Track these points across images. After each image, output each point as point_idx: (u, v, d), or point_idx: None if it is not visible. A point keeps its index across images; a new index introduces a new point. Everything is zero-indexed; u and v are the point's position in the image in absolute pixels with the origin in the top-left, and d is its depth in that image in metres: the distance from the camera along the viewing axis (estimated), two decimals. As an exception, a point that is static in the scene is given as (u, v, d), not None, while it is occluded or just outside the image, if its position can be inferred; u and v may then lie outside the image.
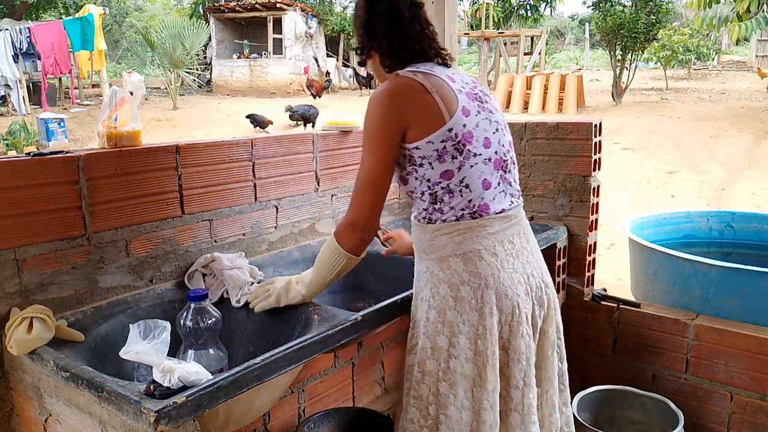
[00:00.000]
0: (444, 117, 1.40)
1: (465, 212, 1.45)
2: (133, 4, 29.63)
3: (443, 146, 1.40)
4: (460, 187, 1.44)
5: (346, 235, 1.48)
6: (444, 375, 1.46)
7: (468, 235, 1.45)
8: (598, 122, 2.27)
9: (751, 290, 2.13)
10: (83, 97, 14.97)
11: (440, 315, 1.46)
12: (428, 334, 1.48)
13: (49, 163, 1.47)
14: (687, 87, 16.66)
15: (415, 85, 1.41)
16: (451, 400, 1.45)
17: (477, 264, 1.45)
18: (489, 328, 1.43)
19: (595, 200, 2.30)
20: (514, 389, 1.49)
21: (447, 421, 1.45)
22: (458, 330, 1.44)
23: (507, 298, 1.45)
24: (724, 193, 6.67)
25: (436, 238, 1.47)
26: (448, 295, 1.46)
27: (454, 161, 1.42)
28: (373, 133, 1.43)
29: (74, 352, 1.34)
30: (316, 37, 19.26)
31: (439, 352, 1.46)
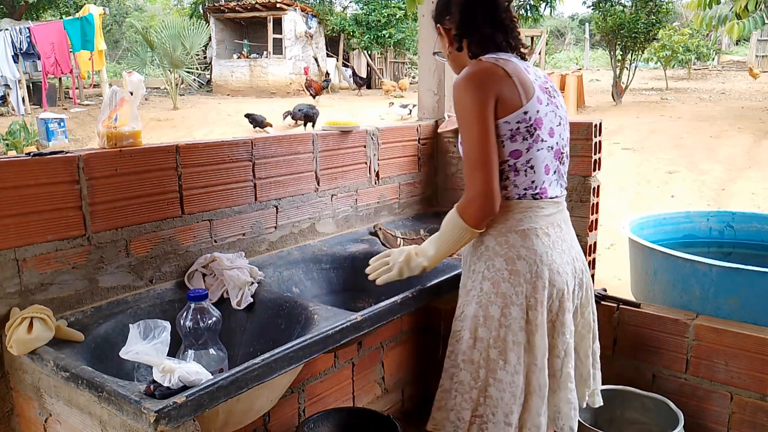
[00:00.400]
0: (522, 100, 1.50)
1: (527, 192, 1.56)
2: (133, 4, 29.62)
3: (517, 127, 1.51)
4: (526, 168, 1.55)
5: (469, 210, 1.55)
6: (495, 342, 1.56)
7: (527, 214, 1.57)
8: (598, 122, 2.27)
9: (751, 290, 2.13)
10: (83, 97, 14.97)
11: (494, 286, 1.56)
12: (481, 303, 1.58)
13: (49, 163, 1.47)
14: (687, 87, 16.66)
15: (498, 69, 1.51)
16: (501, 365, 1.56)
17: (534, 241, 1.56)
18: (540, 301, 1.55)
19: (595, 200, 2.29)
20: (555, 358, 1.62)
21: (496, 383, 1.57)
22: (511, 301, 1.55)
23: (559, 275, 1.58)
24: (724, 193, 6.67)
25: (498, 214, 1.56)
26: (504, 268, 1.56)
27: (524, 142, 1.52)
28: (469, 111, 1.50)
29: (74, 352, 1.34)
30: (316, 37, 19.26)
31: (491, 320, 1.56)
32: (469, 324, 1.59)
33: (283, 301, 1.67)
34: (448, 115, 2.62)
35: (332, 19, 19.26)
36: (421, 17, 2.64)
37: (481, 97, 1.49)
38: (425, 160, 2.61)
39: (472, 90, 1.50)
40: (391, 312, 1.60)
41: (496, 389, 1.56)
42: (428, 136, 2.60)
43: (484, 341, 1.57)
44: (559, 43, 34.10)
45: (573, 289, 1.63)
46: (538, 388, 1.57)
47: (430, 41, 2.62)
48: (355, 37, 18.46)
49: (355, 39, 18.54)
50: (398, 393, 2.64)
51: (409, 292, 1.67)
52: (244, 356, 1.60)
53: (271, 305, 1.67)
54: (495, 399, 1.56)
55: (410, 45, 18.60)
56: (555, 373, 1.63)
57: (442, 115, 2.66)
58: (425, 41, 2.65)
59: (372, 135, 2.35)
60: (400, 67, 20.93)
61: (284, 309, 1.64)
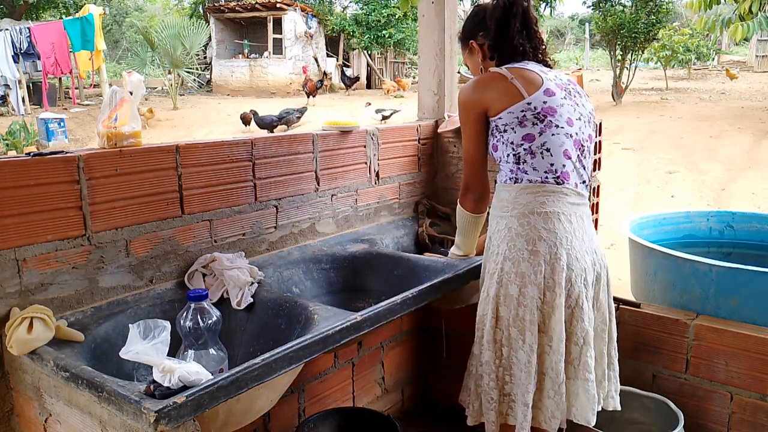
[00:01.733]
0: (522, 95, 1.65)
1: (549, 176, 1.65)
2: (133, 4, 29.60)
3: (523, 114, 1.65)
4: (541, 150, 1.65)
5: (463, 199, 1.83)
6: (514, 321, 1.63)
7: (551, 198, 1.65)
8: (598, 122, 2.27)
9: (751, 290, 2.13)
10: (83, 97, 14.97)
11: (514, 266, 1.64)
12: (502, 283, 1.66)
13: (49, 163, 1.47)
14: (687, 87, 16.65)
15: (495, 75, 1.70)
16: (520, 344, 1.63)
17: (555, 224, 1.64)
18: (558, 282, 1.61)
19: (595, 200, 2.30)
20: (574, 345, 1.66)
21: (518, 363, 1.64)
22: (529, 280, 1.62)
23: (577, 261, 1.65)
24: (724, 193, 6.67)
25: (520, 196, 1.67)
26: (524, 248, 1.64)
27: (535, 127, 1.65)
28: (463, 115, 1.76)
29: (74, 352, 1.34)
30: (316, 37, 19.25)
31: (510, 299, 1.64)
32: (492, 304, 1.67)
33: (283, 301, 1.67)
34: (448, 115, 2.62)
35: (332, 19, 19.25)
36: (421, 17, 2.64)
37: (471, 102, 1.72)
38: (425, 160, 2.61)
39: (465, 98, 1.74)
40: (391, 312, 1.60)
41: (518, 368, 1.63)
42: (428, 136, 2.60)
43: (504, 320, 1.65)
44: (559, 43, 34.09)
45: (591, 280, 1.69)
46: (551, 371, 1.63)
47: (430, 41, 2.62)
48: (355, 37, 18.45)
49: (355, 39, 18.54)
50: (398, 393, 2.64)
51: (409, 292, 1.67)
52: (244, 356, 1.60)
53: (271, 305, 1.67)
54: (517, 377, 1.63)
55: (410, 45, 18.60)
56: (572, 360, 1.67)
57: (442, 115, 2.66)
58: (425, 41, 2.65)
59: (372, 135, 2.35)
60: (400, 67, 20.93)
61: (284, 309, 1.64)
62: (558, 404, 1.64)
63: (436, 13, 2.57)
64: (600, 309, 1.74)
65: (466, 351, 1.81)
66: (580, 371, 1.67)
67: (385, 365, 2.52)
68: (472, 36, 1.82)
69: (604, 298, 1.74)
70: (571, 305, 1.64)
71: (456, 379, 1.88)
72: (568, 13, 39.88)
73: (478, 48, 1.81)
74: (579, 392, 1.67)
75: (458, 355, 1.91)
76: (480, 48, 1.81)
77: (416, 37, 14.39)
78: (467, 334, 1.87)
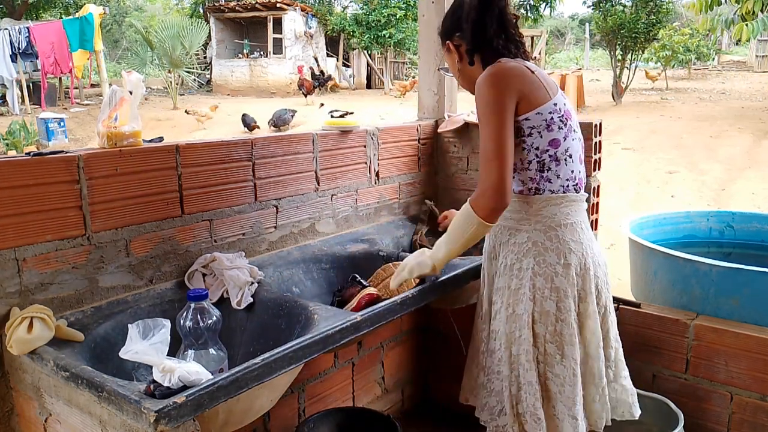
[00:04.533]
0: (549, 94, 1.57)
1: (569, 184, 1.62)
2: (133, 4, 29.60)
3: (551, 117, 1.56)
4: (565, 156, 1.60)
5: (480, 202, 1.54)
6: (551, 337, 1.60)
7: (573, 208, 1.62)
8: (598, 122, 2.27)
9: (751, 290, 2.13)
10: (83, 97, 14.96)
11: (547, 281, 1.59)
12: (536, 300, 1.60)
13: (49, 162, 1.47)
14: (687, 87, 16.65)
15: (520, 66, 1.58)
16: (558, 359, 1.60)
17: (580, 235, 1.62)
18: (589, 291, 1.62)
19: (595, 200, 2.29)
20: (609, 349, 1.69)
21: (554, 378, 1.61)
22: (565, 294, 1.59)
23: (600, 268, 1.66)
24: (724, 193, 6.67)
25: (544, 209, 1.60)
26: (557, 263, 1.59)
27: (560, 131, 1.58)
28: (490, 105, 1.53)
29: (74, 352, 1.34)
30: (316, 37, 19.25)
31: (547, 316, 1.60)
32: (526, 322, 1.61)
33: (283, 301, 1.67)
34: (448, 115, 2.62)
35: (332, 19, 19.24)
36: (421, 17, 2.64)
37: (500, 92, 1.52)
38: (425, 160, 2.61)
39: (492, 86, 1.53)
40: (391, 312, 1.60)
41: (554, 384, 1.60)
42: (428, 136, 2.60)
43: (540, 337, 1.61)
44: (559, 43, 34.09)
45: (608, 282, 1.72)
46: (592, 378, 1.64)
47: (430, 41, 2.62)
48: (355, 37, 18.45)
49: (355, 39, 18.53)
50: (398, 393, 2.64)
51: (410, 292, 1.67)
52: (244, 356, 1.60)
53: (271, 305, 1.67)
54: (554, 393, 1.60)
55: (410, 45, 18.58)
56: (610, 364, 1.70)
57: (442, 115, 2.66)
58: (425, 41, 2.65)
59: (372, 135, 2.34)
60: (400, 67, 20.92)
61: (284, 309, 1.64)
62: (603, 406, 1.67)
63: (436, 13, 2.57)
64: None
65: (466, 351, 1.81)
66: (617, 373, 1.72)
67: (385, 365, 2.52)
68: (449, 35, 1.69)
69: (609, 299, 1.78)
70: (601, 311, 1.66)
71: (456, 379, 1.88)
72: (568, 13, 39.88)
73: (454, 49, 1.69)
74: (619, 391, 1.72)
75: (458, 355, 1.91)
76: (456, 49, 1.68)
77: (416, 37, 14.39)
78: (467, 334, 1.87)
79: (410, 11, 17.53)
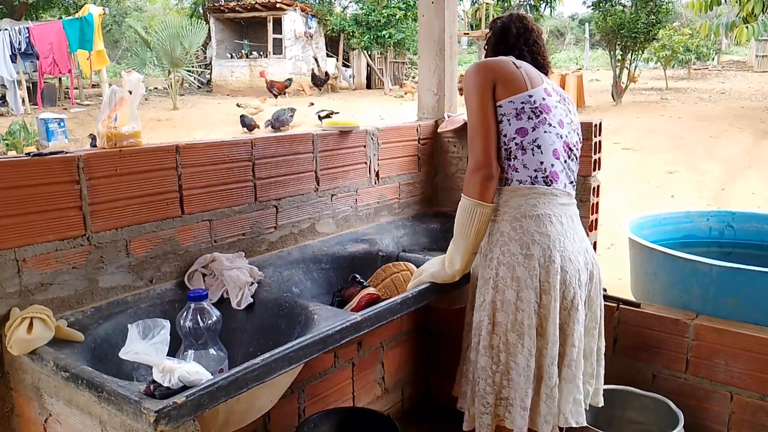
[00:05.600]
0: (527, 86, 1.65)
1: (538, 175, 1.64)
2: (133, 4, 29.60)
3: (522, 107, 1.63)
4: (533, 146, 1.63)
5: (470, 180, 1.63)
6: (512, 326, 1.62)
7: (542, 200, 1.63)
8: (598, 122, 2.27)
9: (751, 290, 2.13)
10: (83, 97, 14.96)
11: (509, 271, 1.62)
12: (498, 289, 1.64)
13: (49, 163, 1.47)
14: (687, 87, 16.65)
15: (505, 59, 1.70)
16: (519, 349, 1.62)
17: (547, 227, 1.62)
18: (553, 285, 1.60)
19: (595, 200, 2.29)
20: (570, 347, 1.66)
21: (516, 367, 1.62)
22: (525, 285, 1.61)
23: (570, 263, 1.64)
24: (724, 193, 6.68)
25: (511, 200, 1.65)
26: (518, 253, 1.62)
27: (530, 121, 1.63)
28: (470, 89, 1.67)
29: (74, 352, 1.34)
30: (316, 37, 19.25)
31: (508, 305, 1.62)
32: (488, 310, 1.65)
33: (283, 301, 1.67)
34: (448, 115, 2.62)
35: (332, 19, 19.25)
36: (421, 17, 2.64)
37: (481, 78, 1.66)
38: (425, 160, 2.61)
39: (475, 73, 1.68)
40: (391, 312, 1.60)
41: (516, 373, 1.62)
42: (428, 136, 2.60)
43: (502, 326, 1.63)
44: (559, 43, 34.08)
45: (585, 280, 1.68)
46: (546, 375, 1.62)
47: (430, 41, 2.62)
48: (355, 37, 18.45)
49: (355, 39, 18.54)
50: (398, 393, 2.64)
51: (410, 292, 1.67)
52: (244, 356, 1.60)
53: (271, 305, 1.67)
54: (515, 382, 1.62)
55: (410, 45, 18.59)
56: (569, 363, 1.66)
57: (442, 114, 2.66)
58: (425, 41, 2.65)
59: (372, 135, 2.34)
60: (400, 67, 20.92)
61: (284, 309, 1.64)
62: (551, 408, 1.64)
63: (436, 13, 2.57)
64: (592, 307, 1.75)
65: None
66: (574, 373, 1.68)
67: (385, 365, 2.52)
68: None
69: (596, 296, 1.76)
70: (567, 307, 1.64)
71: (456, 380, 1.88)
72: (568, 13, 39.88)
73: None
74: (572, 394, 1.67)
75: (458, 355, 1.91)
76: None
77: (416, 37, 14.38)
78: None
79: (410, 11, 17.54)
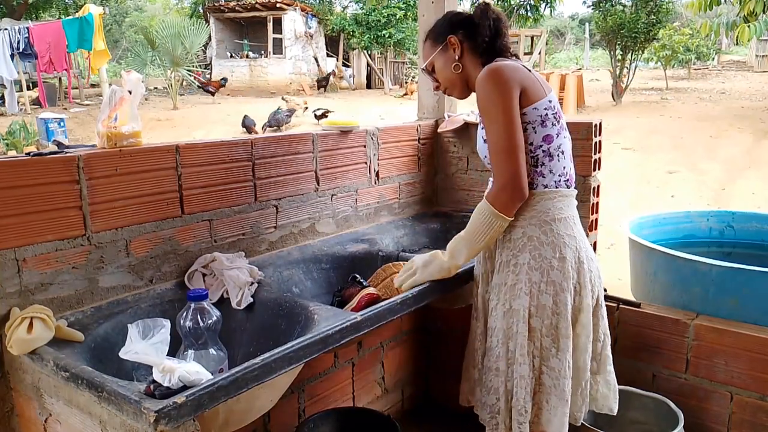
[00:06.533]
0: (545, 90, 1.61)
1: (562, 179, 1.64)
2: (133, 4, 29.59)
3: (546, 113, 1.59)
4: (558, 152, 1.63)
5: (499, 198, 1.57)
6: (547, 331, 1.62)
7: (566, 202, 1.65)
8: (598, 122, 2.27)
9: (751, 290, 2.13)
10: (83, 97, 14.96)
11: (543, 276, 1.61)
12: (532, 294, 1.62)
13: (48, 163, 1.47)
14: (687, 87, 16.65)
15: (517, 64, 1.63)
16: (554, 353, 1.62)
17: (573, 229, 1.65)
18: (584, 285, 1.64)
19: (595, 200, 2.29)
20: (596, 342, 1.71)
21: (549, 371, 1.62)
22: (561, 288, 1.61)
23: (592, 261, 1.69)
24: (724, 193, 6.67)
25: (538, 204, 1.62)
26: (552, 257, 1.61)
27: (554, 128, 1.61)
28: (494, 101, 1.55)
29: (74, 352, 1.34)
30: (316, 37, 19.26)
31: (544, 310, 1.61)
32: (521, 317, 1.62)
33: (283, 301, 1.67)
34: (448, 115, 2.62)
35: (332, 19, 19.25)
36: (421, 17, 2.64)
37: (506, 88, 1.54)
38: (425, 160, 2.61)
39: (497, 82, 1.55)
40: (391, 312, 1.60)
41: (549, 377, 1.62)
42: (428, 136, 2.60)
43: (537, 331, 1.62)
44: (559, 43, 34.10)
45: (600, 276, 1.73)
46: (578, 371, 1.66)
47: (430, 41, 2.62)
48: (355, 37, 18.46)
49: (355, 39, 18.54)
50: (398, 393, 2.64)
51: (410, 292, 1.67)
52: (244, 356, 1.60)
53: (271, 305, 1.67)
54: (548, 387, 1.62)
55: (410, 45, 18.58)
56: (596, 356, 1.72)
57: (442, 115, 2.66)
58: (425, 41, 2.64)
59: (372, 135, 2.34)
60: (400, 67, 20.92)
61: (284, 309, 1.63)
62: (584, 399, 1.70)
63: (435, 13, 2.57)
64: None
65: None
66: (602, 365, 1.74)
67: (385, 365, 2.52)
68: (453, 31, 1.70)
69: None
70: (593, 304, 1.68)
71: (456, 379, 1.88)
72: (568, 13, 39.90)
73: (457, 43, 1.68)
74: (601, 386, 1.74)
75: (458, 355, 1.90)
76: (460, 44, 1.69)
77: (416, 37, 14.39)
78: (467, 334, 1.86)
79: (410, 11, 17.53)
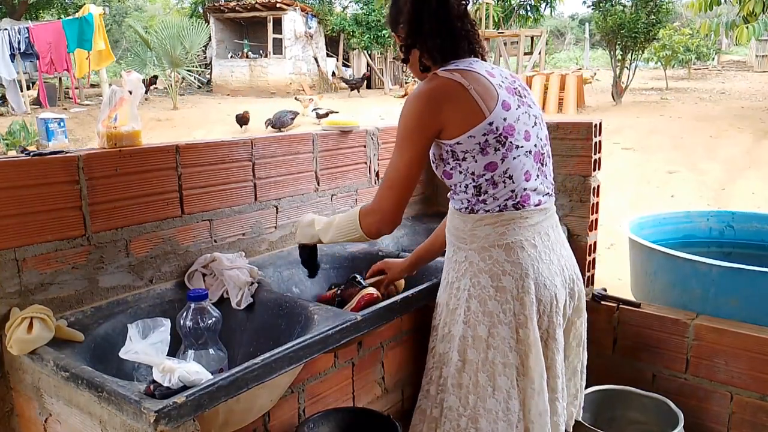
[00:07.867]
0: (483, 113, 1.40)
1: (508, 202, 1.47)
2: (133, 4, 29.60)
3: (485, 139, 1.41)
4: (504, 179, 1.45)
5: (368, 219, 1.54)
6: (483, 366, 1.48)
7: (510, 227, 1.47)
8: (598, 122, 2.27)
9: (751, 290, 2.13)
10: (83, 97, 14.96)
11: (481, 305, 1.48)
12: (469, 323, 1.49)
13: (49, 163, 1.47)
14: (687, 87, 16.65)
15: (452, 84, 1.41)
16: (490, 392, 1.47)
17: (519, 254, 1.47)
18: (530, 318, 1.46)
19: (595, 200, 2.29)
20: (555, 379, 1.53)
21: (486, 414, 1.47)
22: (498, 320, 1.46)
23: (546, 289, 1.48)
24: (724, 193, 6.67)
25: (477, 228, 1.49)
26: (489, 285, 1.47)
27: (497, 153, 1.42)
28: (407, 133, 1.45)
29: (74, 352, 1.34)
30: (316, 37, 19.25)
31: (479, 341, 1.48)
32: (456, 345, 1.51)
33: (283, 301, 1.67)
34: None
35: (332, 19, 19.25)
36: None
37: (424, 118, 1.42)
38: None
39: (417, 110, 1.43)
40: (391, 312, 1.60)
41: (486, 421, 1.47)
42: (428, 136, 2.60)
43: (473, 364, 1.49)
44: (559, 43, 34.11)
45: (564, 302, 1.55)
46: (538, 415, 1.47)
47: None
48: (355, 37, 18.46)
49: (355, 39, 18.54)
50: (398, 393, 2.64)
51: (409, 292, 1.67)
52: (244, 356, 1.60)
53: (271, 305, 1.67)
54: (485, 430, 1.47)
55: (410, 45, 18.56)
56: (556, 396, 1.54)
57: (442, 115, 2.65)
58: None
59: (372, 135, 2.34)
60: (400, 67, 20.92)
61: (284, 309, 1.64)
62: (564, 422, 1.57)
63: (436, 13, 2.57)
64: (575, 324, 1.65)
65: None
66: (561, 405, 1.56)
67: (385, 365, 2.52)
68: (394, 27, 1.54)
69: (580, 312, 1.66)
70: (545, 337, 1.50)
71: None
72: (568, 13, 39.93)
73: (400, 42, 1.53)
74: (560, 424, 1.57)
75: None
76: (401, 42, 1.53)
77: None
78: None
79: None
